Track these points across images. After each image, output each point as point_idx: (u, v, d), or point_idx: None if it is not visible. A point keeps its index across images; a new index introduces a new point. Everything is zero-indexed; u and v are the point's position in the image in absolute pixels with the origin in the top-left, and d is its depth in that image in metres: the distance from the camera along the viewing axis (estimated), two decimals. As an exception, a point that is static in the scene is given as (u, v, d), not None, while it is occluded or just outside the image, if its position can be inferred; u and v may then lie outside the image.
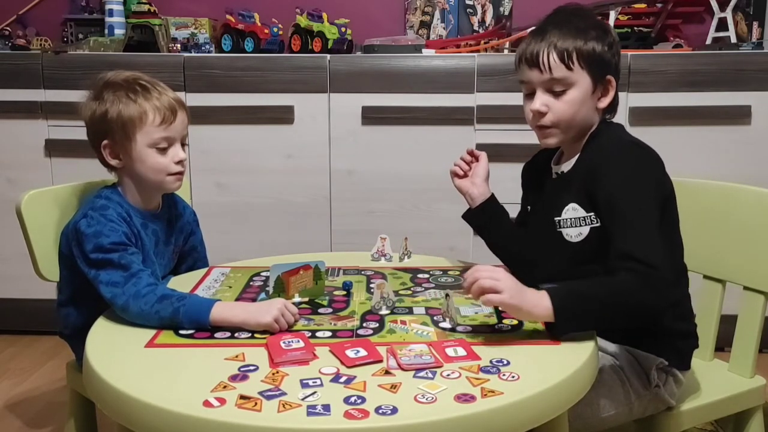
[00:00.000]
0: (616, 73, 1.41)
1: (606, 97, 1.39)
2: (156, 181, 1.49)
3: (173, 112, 1.46)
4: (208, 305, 1.25)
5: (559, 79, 1.35)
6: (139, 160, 1.46)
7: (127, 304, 1.28)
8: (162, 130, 1.45)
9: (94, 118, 1.47)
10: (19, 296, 2.74)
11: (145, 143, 1.45)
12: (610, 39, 1.38)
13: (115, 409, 1.03)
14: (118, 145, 1.46)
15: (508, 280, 1.19)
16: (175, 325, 1.24)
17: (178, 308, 1.25)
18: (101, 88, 1.47)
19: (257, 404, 0.96)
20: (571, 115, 1.37)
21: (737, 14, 2.81)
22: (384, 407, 0.94)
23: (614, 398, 1.35)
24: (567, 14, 1.40)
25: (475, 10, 3.00)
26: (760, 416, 1.53)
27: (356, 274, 1.59)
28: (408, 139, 2.59)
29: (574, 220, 1.37)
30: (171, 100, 1.47)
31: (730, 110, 2.47)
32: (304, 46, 2.73)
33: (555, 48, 1.34)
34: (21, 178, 2.64)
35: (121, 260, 1.35)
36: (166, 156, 1.47)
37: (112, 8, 2.89)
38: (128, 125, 1.44)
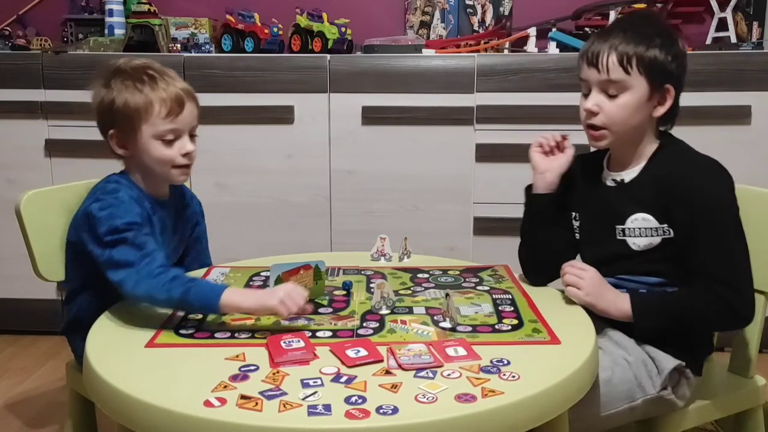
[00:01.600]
0: (678, 83, 1.40)
1: (662, 107, 1.40)
2: (161, 173, 1.47)
3: (180, 104, 1.43)
4: (219, 289, 1.25)
5: (615, 81, 1.37)
6: (145, 151, 1.44)
7: (138, 284, 1.27)
8: (168, 122, 1.43)
9: (102, 106, 1.45)
10: (19, 296, 2.74)
11: (150, 134, 1.42)
12: (675, 49, 1.38)
13: (116, 409, 1.03)
14: (124, 134, 1.44)
15: (590, 279, 1.37)
16: (183, 306, 1.24)
17: (189, 288, 1.25)
18: (111, 75, 1.45)
19: (258, 404, 0.96)
20: (623, 119, 1.38)
21: (737, 14, 2.81)
22: (385, 407, 0.95)
23: (618, 395, 1.34)
24: (636, 18, 1.42)
25: (475, 10, 3.00)
26: (760, 416, 1.53)
27: (356, 274, 1.59)
28: (408, 139, 2.58)
29: (644, 230, 1.40)
30: (179, 90, 1.44)
31: (730, 110, 2.47)
32: (304, 46, 2.72)
33: (616, 50, 1.36)
34: (21, 178, 2.64)
35: (135, 240, 1.33)
36: (172, 148, 1.45)
37: (112, 8, 2.89)
38: (134, 116, 1.41)
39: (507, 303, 1.39)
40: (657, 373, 1.36)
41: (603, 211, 1.46)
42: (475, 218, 2.59)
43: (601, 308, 1.37)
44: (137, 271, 1.29)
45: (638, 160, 1.44)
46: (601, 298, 1.37)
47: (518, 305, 1.37)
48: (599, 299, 1.37)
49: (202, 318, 1.30)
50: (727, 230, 1.34)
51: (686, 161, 1.39)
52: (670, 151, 1.42)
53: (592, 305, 1.37)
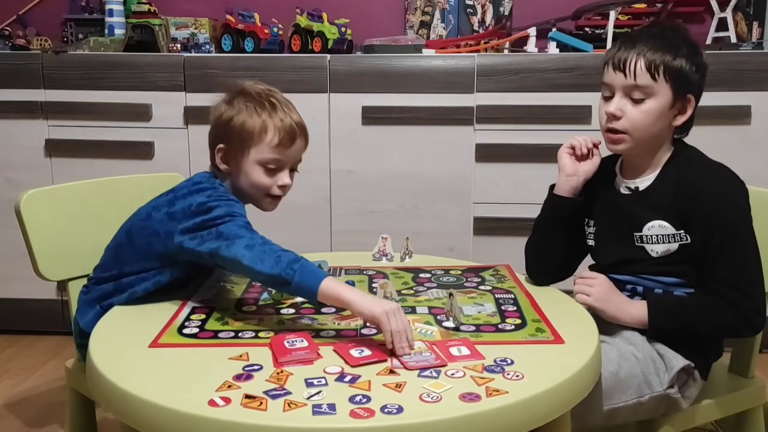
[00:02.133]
0: (699, 93, 1.42)
1: (683, 116, 1.41)
2: (254, 197, 1.49)
3: (292, 138, 1.46)
4: (321, 273, 1.24)
5: (641, 86, 1.38)
6: (245, 173, 1.46)
7: (251, 249, 1.27)
8: (275, 152, 1.45)
9: (220, 120, 1.47)
10: (19, 296, 2.74)
11: (255, 159, 1.44)
12: (699, 60, 1.40)
13: (120, 409, 1.03)
14: (231, 152, 1.46)
15: (600, 285, 1.40)
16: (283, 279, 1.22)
17: (299, 259, 1.25)
18: (235, 94, 1.48)
19: (263, 403, 0.96)
20: (645, 125, 1.39)
21: (737, 14, 2.81)
22: (389, 406, 0.95)
23: (624, 389, 1.34)
24: (662, 28, 1.42)
25: (475, 10, 3.01)
26: (760, 416, 1.54)
27: (358, 274, 1.59)
28: (408, 139, 2.59)
29: (662, 236, 1.41)
30: (293, 123, 1.46)
31: (730, 110, 2.47)
32: (304, 46, 2.72)
33: (644, 56, 1.37)
34: (21, 178, 2.64)
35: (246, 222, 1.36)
36: (271, 177, 1.47)
37: (112, 8, 2.89)
38: (246, 138, 1.43)
39: (510, 303, 1.39)
40: (665, 371, 1.37)
41: (619, 218, 1.47)
42: (475, 218, 2.59)
43: (611, 314, 1.40)
44: (252, 238, 1.30)
45: (653, 168, 1.45)
46: (610, 303, 1.40)
47: (521, 305, 1.38)
48: (608, 305, 1.40)
49: (205, 318, 1.30)
50: (742, 238, 1.35)
51: (701, 169, 1.41)
52: (684, 159, 1.43)
53: (601, 311, 1.39)
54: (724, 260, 1.35)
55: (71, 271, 1.62)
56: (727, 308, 1.35)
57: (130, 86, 2.61)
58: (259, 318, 1.30)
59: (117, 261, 1.47)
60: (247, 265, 1.25)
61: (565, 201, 1.54)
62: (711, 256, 1.36)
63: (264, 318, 1.30)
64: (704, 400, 1.46)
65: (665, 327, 1.38)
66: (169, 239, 1.37)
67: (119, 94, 2.61)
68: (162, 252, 1.40)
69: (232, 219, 1.34)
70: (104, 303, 1.44)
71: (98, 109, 2.62)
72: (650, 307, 1.38)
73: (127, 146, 2.64)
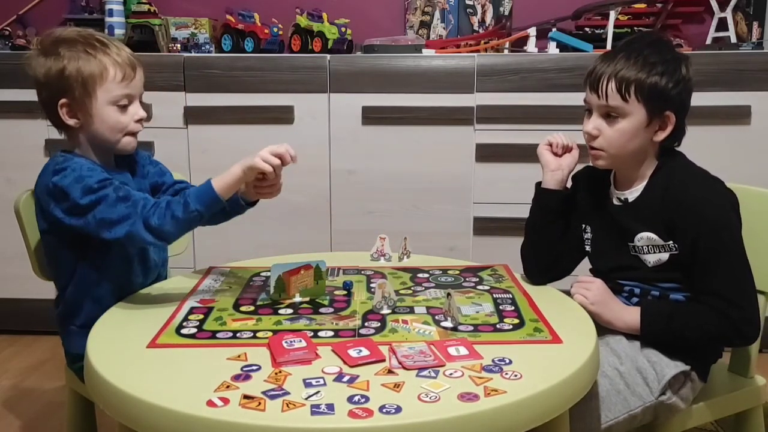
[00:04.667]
0: (681, 108, 1.40)
1: (663, 131, 1.40)
2: (113, 141, 1.44)
3: (133, 68, 1.42)
4: (207, 184, 1.33)
5: (613, 107, 1.38)
6: (99, 118, 1.41)
7: (147, 226, 1.31)
8: (123, 87, 1.41)
9: (50, 75, 1.39)
10: (19, 296, 2.74)
11: (105, 100, 1.40)
12: (679, 75, 1.38)
13: (119, 410, 1.03)
14: (77, 103, 1.40)
15: (597, 289, 1.41)
16: (191, 219, 1.31)
17: (187, 201, 1.31)
18: (54, 44, 1.40)
19: (261, 404, 0.96)
20: (621, 144, 1.40)
21: (737, 14, 2.81)
22: (388, 406, 0.95)
23: (610, 408, 1.33)
24: (641, 44, 1.40)
25: (475, 10, 3.01)
26: (760, 416, 1.53)
27: (356, 274, 1.59)
28: (408, 139, 2.59)
29: (652, 248, 1.41)
30: (129, 56, 1.43)
31: (730, 110, 2.47)
32: (304, 46, 2.72)
33: (615, 77, 1.37)
34: (21, 178, 2.61)
35: (118, 192, 1.33)
36: (126, 114, 1.43)
37: (112, 8, 2.88)
38: (89, 81, 1.38)
39: (508, 302, 1.39)
40: (655, 379, 1.36)
41: (612, 228, 1.47)
42: (475, 218, 2.59)
43: (606, 319, 1.40)
44: (137, 216, 1.31)
45: (640, 180, 1.44)
46: (606, 308, 1.40)
47: (519, 305, 1.38)
48: (604, 309, 1.40)
49: (203, 318, 1.30)
50: (727, 246, 1.35)
51: (686, 177, 1.40)
52: (669, 169, 1.42)
53: (597, 315, 1.39)
54: (712, 270, 1.34)
55: (70, 271, 1.62)
56: (717, 318, 1.34)
57: (130, 86, 2.60)
58: (257, 318, 1.30)
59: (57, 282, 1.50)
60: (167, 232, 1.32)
61: (553, 193, 1.56)
62: (699, 265, 1.35)
63: (262, 318, 1.30)
64: (704, 400, 1.46)
65: (658, 335, 1.38)
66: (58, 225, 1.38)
67: (119, 94, 2.61)
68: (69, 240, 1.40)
69: (101, 198, 1.33)
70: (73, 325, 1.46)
71: (98, 109, 2.62)
72: (643, 314, 1.38)
73: (127, 146, 2.63)
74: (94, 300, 1.44)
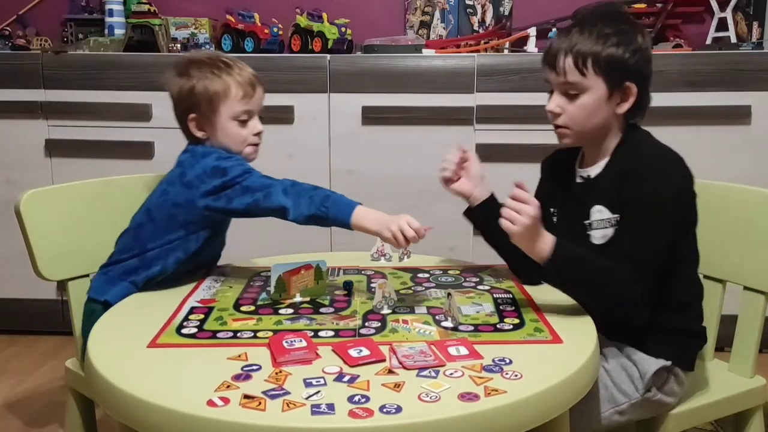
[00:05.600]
0: (640, 78, 1.38)
1: (626, 103, 1.38)
2: (236, 152, 1.56)
3: (253, 87, 1.56)
4: (352, 204, 1.43)
5: (572, 83, 1.36)
6: (222, 131, 1.54)
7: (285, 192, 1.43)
8: (243, 104, 1.54)
9: (182, 93, 1.54)
10: (19, 296, 2.74)
11: (228, 116, 1.53)
12: (635, 45, 1.35)
13: (119, 410, 1.03)
14: (203, 117, 1.54)
15: (528, 219, 1.26)
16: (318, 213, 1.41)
17: (329, 195, 1.42)
18: (186, 66, 1.55)
19: (261, 404, 0.96)
20: (584, 119, 1.38)
21: (737, 14, 2.81)
22: (388, 406, 0.95)
23: (597, 405, 1.33)
24: (595, 16, 1.38)
25: (475, 10, 3.01)
26: (760, 416, 1.53)
27: (356, 274, 1.59)
28: (408, 139, 2.59)
29: (600, 222, 1.40)
30: (250, 75, 1.56)
31: (730, 110, 2.47)
32: (304, 46, 2.73)
33: (571, 52, 1.35)
34: (21, 178, 2.64)
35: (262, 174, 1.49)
36: (246, 128, 1.56)
37: (112, 8, 2.89)
38: (214, 99, 1.52)
39: (508, 302, 1.39)
40: (639, 377, 1.36)
41: (573, 207, 1.45)
42: (475, 218, 2.58)
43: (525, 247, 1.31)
44: (279, 183, 1.45)
45: (603, 155, 1.43)
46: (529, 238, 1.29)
47: (519, 304, 1.38)
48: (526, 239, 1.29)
49: (203, 318, 1.30)
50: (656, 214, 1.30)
51: (642, 152, 1.37)
52: (630, 143, 1.40)
53: (517, 241, 1.30)
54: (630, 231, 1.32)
55: (71, 270, 1.62)
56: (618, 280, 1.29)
57: (130, 86, 2.61)
58: (258, 318, 1.30)
59: (138, 241, 1.54)
60: (290, 210, 1.42)
61: (476, 212, 1.57)
62: (623, 225, 1.34)
63: (262, 318, 1.30)
64: (704, 400, 1.46)
65: (560, 276, 1.33)
66: (192, 206, 1.49)
67: (119, 94, 2.61)
68: (186, 219, 1.51)
69: (250, 173, 1.47)
70: (131, 278, 1.51)
71: (98, 109, 2.62)
72: (555, 252, 1.29)
73: (127, 146, 2.64)
74: (163, 266, 1.52)
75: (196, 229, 1.52)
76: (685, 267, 1.42)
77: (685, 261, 1.41)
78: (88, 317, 1.49)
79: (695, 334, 1.46)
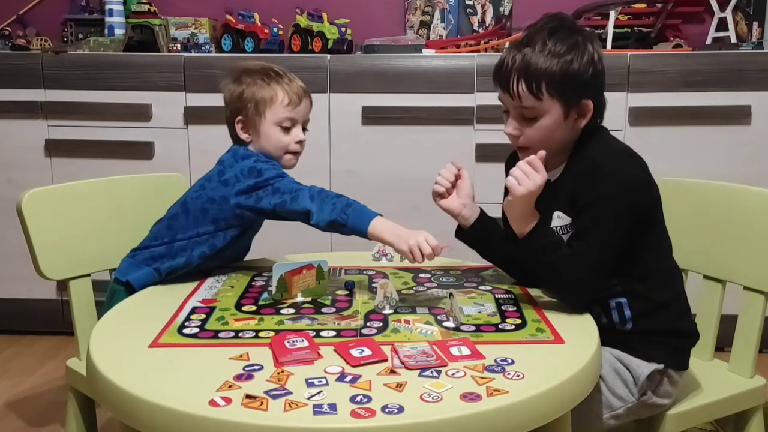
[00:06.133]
0: (596, 90, 1.37)
1: (583, 118, 1.36)
2: (276, 157, 1.61)
3: (299, 97, 1.62)
4: (372, 214, 1.45)
5: (528, 107, 1.35)
6: (265, 136, 1.60)
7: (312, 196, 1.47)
8: (288, 111, 1.60)
9: (233, 97, 1.62)
10: (19, 296, 2.74)
11: (272, 121, 1.59)
12: (587, 57, 1.33)
13: (121, 409, 1.03)
14: (249, 120, 1.60)
15: (533, 184, 1.31)
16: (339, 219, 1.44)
17: (351, 203, 1.46)
18: (240, 73, 1.62)
19: (263, 403, 0.96)
20: (543, 139, 1.37)
21: (737, 14, 2.82)
22: (390, 406, 0.95)
23: (595, 409, 1.34)
24: (544, 34, 1.34)
25: (475, 10, 3.01)
26: (760, 416, 1.53)
27: (358, 274, 1.59)
28: (408, 139, 2.59)
29: (561, 228, 1.39)
30: (299, 86, 1.64)
31: (730, 110, 2.47)
32: (304, 46, 2.73)
33: (525, 75, 1.32)
34: (21, 178, 2.64)
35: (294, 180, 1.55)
36: (288, 135, 1.61)
37: (112, 8, 2.89)
38: (260, 103, 1.59)
39: (510, 303, 1.39)
40: (633, 381, 1.36)
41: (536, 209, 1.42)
42: (476, 218, 2.58)
43: (512, 215, 1.37)
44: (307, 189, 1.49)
45: (562, 160, 1.42)
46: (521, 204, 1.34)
47: (521, 305, 1.38)
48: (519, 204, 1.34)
49: (205, 318, 1.30)
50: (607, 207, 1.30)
51: (597, 154, 1.35)
52: (586, 146, 1.39)
53: (512, 204, 1.34)
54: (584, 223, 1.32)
55: (72, 270, 1.62)
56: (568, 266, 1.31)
57: (130, 86, 2.61)
58: (260, 318, 1.30)
59: (170, 230, 1.58)
60: (313, 214, 1.45)
61: (468, 234, 1.54)
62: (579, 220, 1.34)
63: (264, 318, 1.30)
64: (704, 400, 1.46)
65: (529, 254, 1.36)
66: (225, 203, 1.53)
67: (119, 94, 2.62)
68: (217, 216, 1.54)
69: (283, 177, 1.53)
70: (156, 265, 1.54)
71: (98, 109, 2.62)
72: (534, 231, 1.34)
73: (127, 146, 2.64)
74: (188, 258, 1.55)
75: (225, 227, 1.55)
76: (657, 267, 1.40)
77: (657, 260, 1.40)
78: (110, 298, 1.54)
79: (683, 332, 1.43)
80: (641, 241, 1.35)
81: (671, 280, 1.43)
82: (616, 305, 1.39)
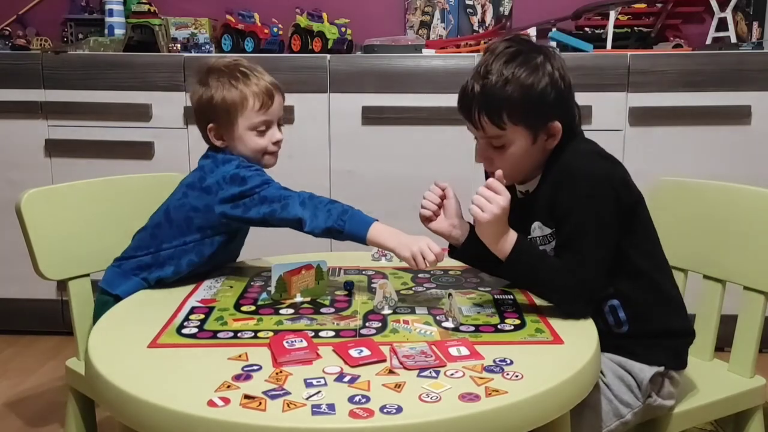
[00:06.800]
0: (562, 109, 1.35)
1: (553, 138, 1.35)
2: (254, 160, 1.57)
3: (270, 97, 1.56)
4: (369, 220, 1.43)
5: (493, 137, 1.34)
6: (241, 141, 1.55)
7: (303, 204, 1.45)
8: (261, 115, 1.55)
9: (201, 102, 1.56)
10: (19, 296, 2.74)
11: (245, 126, 1.54)
12: (547, 79, 1.30)
13: (120, 410, 1.03)
14: (222, 127, 1.55)
15: (497, 207, 1.28)
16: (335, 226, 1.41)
17: (347, 210, 1.43)
18: (206, 74, 1.56)
19: (262, 404, 0.96)
20: (515, 165, 1.36)
21: (737, 14, 2.82)
22: (389, 406, 0.95)
23: (603, 417, 1.33)
24: (501, 61, 1.32)
25: (475, 10, 3.01)
26: (760, 416, 1.53)
27: (357, 274, 1.59)
28: (408, 139, 2.59)
29: (542, 238, 1.39)
30: (267, 85, 1.56)
31: (730, 110, 2.47)
32: (304, 46, 2.73)
33: (487, 107, 1.31)
34: (21, 178, 2.64)
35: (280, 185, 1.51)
36: (264, 137, 1.57)
37: (112, 8, 2.89)
38: (231, 110, 1.53)
39: (509, 303, 1.39)
40: (636, 386, 1.36)
41: (516, 221, 1.39)
42: (476, 218, 2.58)
43: (485, 240, 1.33)
44: (297, 195, 1.47)
45: (539, 171, 1.41)
46: (490, 229, 1.31)
47: (520, 305, 1.37)
48: (488, 230, 1.31)
49: (204, 318, 1.30)
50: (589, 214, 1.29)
51: (571, 161, 1.34)
52: (563, 155, 1.37)
53: (480, 231, 1.32)
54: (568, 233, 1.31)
55: (71, 270, 1.62)
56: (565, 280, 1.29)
57: (130, 86, 2.61)
58: (258, 318, 1.30)
59: (154, 240, 1.54)
60: (306, 222, 1.43)
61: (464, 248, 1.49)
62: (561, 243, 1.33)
63: (263, 318, 1.30)
64: (704, 400, 1.46)
65: (518, 275, 1.37)
66: (209, 211, 1.49)
67: (119, 94, 2.62)
68: (203, 224, 1.51)
69: (269, 184, 1.49)
70: (144, 275, 1.52)
71: (98, 109, 2.63)
72: (514, 251, 1.31)
73: (127, 146, 2.64)
74: (176, 267, 1.52)
75: (212, 234, 1.53)
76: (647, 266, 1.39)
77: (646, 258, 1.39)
78: (100, 308, 1.50)
79: (679, 331, 1.43)
80: (629, 241, 1.35)
81: (663, 278, 1.43)
82: (609, 308, 1.39)
